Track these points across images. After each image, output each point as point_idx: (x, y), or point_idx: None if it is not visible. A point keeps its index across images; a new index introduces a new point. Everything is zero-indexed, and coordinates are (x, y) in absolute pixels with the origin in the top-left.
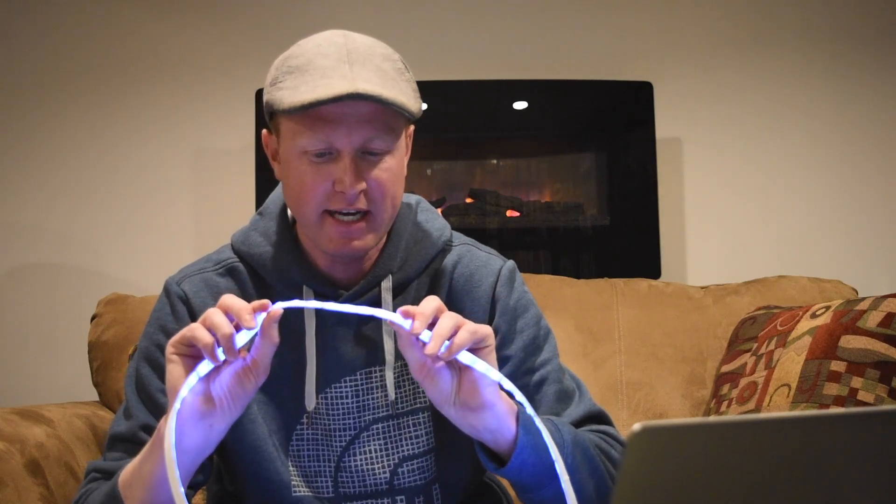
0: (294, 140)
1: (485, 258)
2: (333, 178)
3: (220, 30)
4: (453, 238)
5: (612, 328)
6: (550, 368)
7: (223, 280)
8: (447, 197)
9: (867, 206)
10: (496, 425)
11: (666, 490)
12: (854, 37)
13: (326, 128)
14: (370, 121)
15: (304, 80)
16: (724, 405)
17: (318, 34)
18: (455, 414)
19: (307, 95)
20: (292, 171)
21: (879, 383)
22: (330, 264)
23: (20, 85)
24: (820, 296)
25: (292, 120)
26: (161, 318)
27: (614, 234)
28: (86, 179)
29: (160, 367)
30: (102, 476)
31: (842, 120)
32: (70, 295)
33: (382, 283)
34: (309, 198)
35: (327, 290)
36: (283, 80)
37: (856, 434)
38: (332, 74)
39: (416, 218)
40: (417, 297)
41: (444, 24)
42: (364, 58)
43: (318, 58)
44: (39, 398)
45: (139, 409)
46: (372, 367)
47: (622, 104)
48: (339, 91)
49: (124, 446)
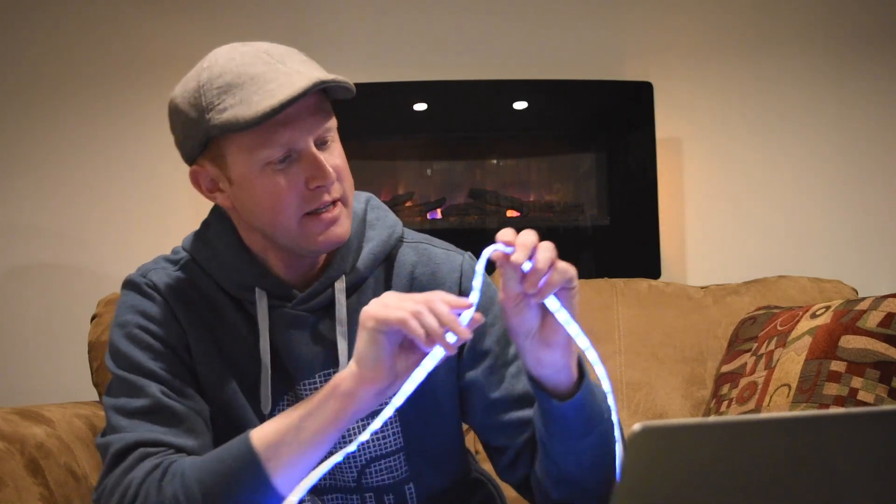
0: (253, 155)
1: (444, 255)
2: (305, 178)
3: (220, 29)
4: (405, 235)
5: (612, 328)
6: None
7: (181, 274)
8: (447, 197)
9: (867, 206)
10: (563, 363)
11: (666, 490)
12: (854, 37)
13: (286, 131)
14: (317, 111)
15: (251, 92)
16: (724, 405)
17: (210, 56)
18: (529, 346)
19: (269, 101)
20: (257, 187)
21: (879, 383)
22: (284, 267)
23: (19, 84)
24: (820, 296)
25: (247, 136)
26: (136, 304)
27: (614, 234)
28: (86, 179)
29: (150, 348)
30: (161, 449)
31: (842, 120)
32: (70, 295)
33: (336, 283)
34: (285, 206)
35: (281, 292)
36: (221, 100)
37: (856, 434)
38: (275, 76)
39: (367, 216)
40: (375, 295)
41: (444, 24)
42: (285, 55)
43: (244, 68)
44: (39, 398)
45: (146, 383)
46: (331, 370)
47: (622, 104)
48: (303, 85)
49: (154, 418)
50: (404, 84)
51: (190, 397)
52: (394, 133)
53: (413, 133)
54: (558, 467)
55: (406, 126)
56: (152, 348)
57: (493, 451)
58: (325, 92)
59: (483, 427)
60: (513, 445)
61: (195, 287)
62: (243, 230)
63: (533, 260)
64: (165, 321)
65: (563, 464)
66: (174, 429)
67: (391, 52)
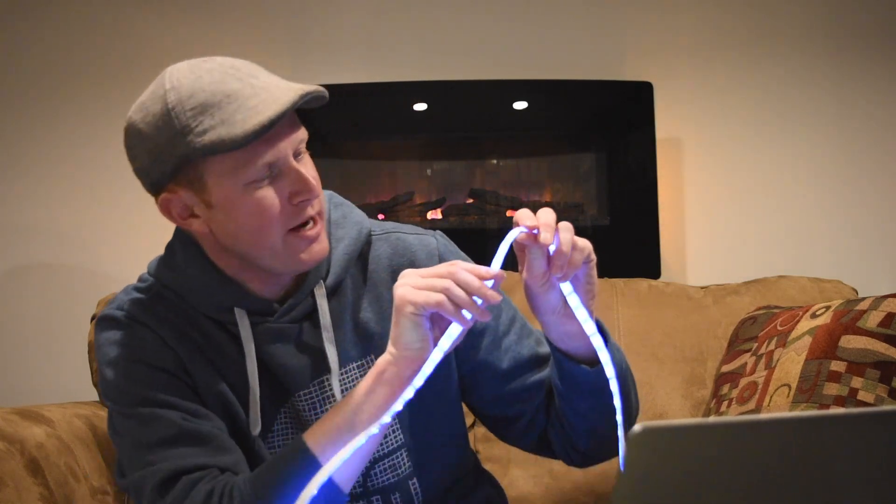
0: (237, 175)
1: (416, 240)
2: (288, 193)
3: (220, 29)
4: (374, 227)
5: (612, 328)
6: (520, 323)
7: (157, 301)
8: (447, 197)
9: (867, 206)
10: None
11: (666, 490)
12: (854, 37)
13: (268, 147)
14: (293, 124)
15: (232, 111)
16: (724, 405)
17: (169, 76)
18: (555, 322)
19: (257, 119)
20: (241, 208)
21: (879, 383)
22: (260, 284)
23: (19, 84)
24: (820, 296)
25: (230, 156)
26: (121, 339)
27: (614, 234)
28: (86, 179)
29: (151, 379)
30: (205, 473)
31: (842, 119)
32: (70, 295)
33: (315, 290)
34: (270, 225)
35: (261, 307)
36: (198, 122)
37: (856, 434)
38: (254, 92)
39: (332, 216)
40: (355, 296)
41: (444, 24)
42: (252, 69)
43: (217, 87)
44: (39, 398)
45: (162, 412)
46: (323, 376)
47: (622, 104)
48: (288, 99)
49: (182, 444)
50: (404, 84)
51: (207, 417)
52: (394, 133)
53: (413, 133)
54: (588, 421)
55: (406, 126)
56: (154, 378)
57: (508, 421)
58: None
59: (498, 400)
60: (528, 409)
61: (175, 311)
62: (215, 253)
63: (556, 241)
64: (157, 349)
65: (591, 417)
66: (206, 449)
67: (391, 52)
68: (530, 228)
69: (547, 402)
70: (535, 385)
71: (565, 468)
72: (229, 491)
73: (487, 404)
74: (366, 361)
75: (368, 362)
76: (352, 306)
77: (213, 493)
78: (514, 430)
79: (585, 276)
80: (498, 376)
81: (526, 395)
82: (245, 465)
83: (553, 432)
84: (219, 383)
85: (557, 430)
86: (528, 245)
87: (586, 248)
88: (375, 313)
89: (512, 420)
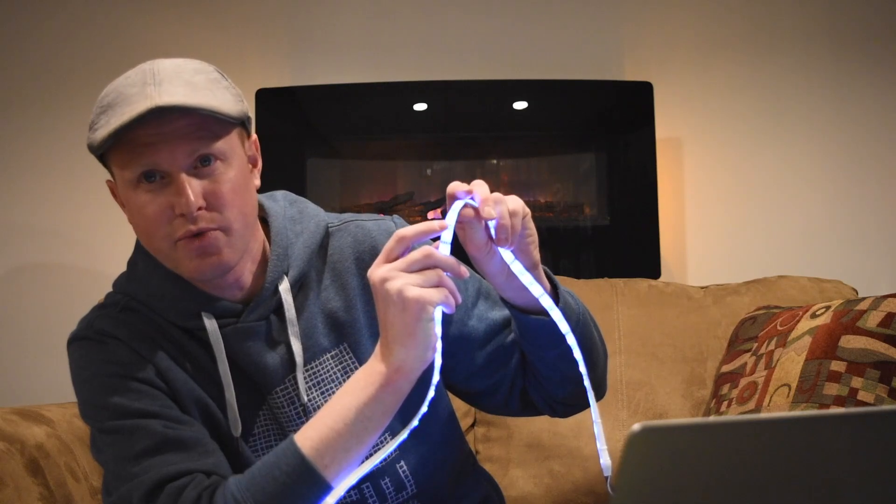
0: (122, 174)
1: (375, 225)
2: (171, 202)
3: (219, 29)
4: (331, 219)
5: (612, 328)
6: (485, 290)
7: (126, 315)
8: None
9: (867, 206)
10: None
11: (666, 490)
12: (854, 37)
13: (147, 151)
14: (191, 134)
15: (114, 113)
16: (724, 405)
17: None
18: (506, 282)
19: (109, 126)
20: (132, 206)
21: (879, 383)
22: (220, 289)
23: (19, 84)
24: (820, 296)
25: (114, 155)
26: (94, 356)
27: (614, 234)
28: (85, 179)
29: (130, 391)
30: (190, 478)
31: (842, 120)
32: (70, 295)
33: (280, 285)
34: (155, 228)
35: (227, 310)
36: (97, 121)
37: (856, 434)
38: (138, 98)
39: (287, 212)
40: (321, 287)
41: (444, 24)
42: (172, 75)
43: (125, 88)
44: (39, 398)
45: (143, 423)
46: (295, 372)
47: (622, 104)
48: (140, 110)
49: (166, 451)
50: (404, 84)
51: (188, 423)
52: (394, 133)
53: (413, 133)
54: (559, 370)
55: (406, 126)
56: (132, 390)
57: (492, 390)
58: (199, 112)
59: (481, 370)
60: (508, 373)
61: (145, 323)
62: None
63: (498, 213)
64: (131, 361)
65: (562, 366)
66: (190, 454)
67: (391, 52)
68: (471, 197)
69: (522, 362)
70: (510, 344)
71: (565, 468)
72: (223, 495)
73: (471, 377)
74: (339, 351)
75: (342, 351)
76: (319, 298)
77: (201, 499)
78: (497, 398)
79: (524, 232)
80: (475, 345)
81: (505, 357)
82: (228, 468)
83: (532, 390)
84: (196, 390)
85: (535, 386)
86: (468, 220)
87: (520, 208)
88: (343, 301)
89: (495, 388)
